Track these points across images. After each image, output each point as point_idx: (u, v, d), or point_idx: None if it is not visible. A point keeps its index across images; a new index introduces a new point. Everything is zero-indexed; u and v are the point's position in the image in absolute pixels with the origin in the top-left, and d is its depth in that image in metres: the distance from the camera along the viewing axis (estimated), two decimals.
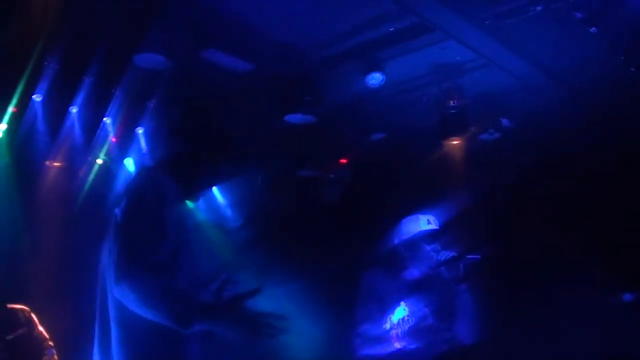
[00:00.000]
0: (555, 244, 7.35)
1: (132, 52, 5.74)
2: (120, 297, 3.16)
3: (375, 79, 6.63)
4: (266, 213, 8.15)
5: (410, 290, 5.10)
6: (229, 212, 8.69)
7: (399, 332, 4.89)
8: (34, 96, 6.68)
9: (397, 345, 4.87)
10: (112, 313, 3.35)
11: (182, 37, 5.81)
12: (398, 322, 4.94)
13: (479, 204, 7.31)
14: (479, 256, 4.96)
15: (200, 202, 4.22)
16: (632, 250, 6.98)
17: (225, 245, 8.36)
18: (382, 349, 5.00)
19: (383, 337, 4.98)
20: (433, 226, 5.14)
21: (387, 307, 5.04)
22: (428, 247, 5.10)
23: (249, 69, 6.55)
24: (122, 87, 6.72)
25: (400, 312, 4.99)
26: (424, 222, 5.14)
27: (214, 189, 8.71)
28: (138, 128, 7.55)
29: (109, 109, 7.07)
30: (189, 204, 3.83)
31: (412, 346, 4.96)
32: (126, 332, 3.29)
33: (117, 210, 3.36)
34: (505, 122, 7.75)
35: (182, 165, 3.59)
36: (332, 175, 8.92)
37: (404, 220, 5.24)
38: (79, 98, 6.81)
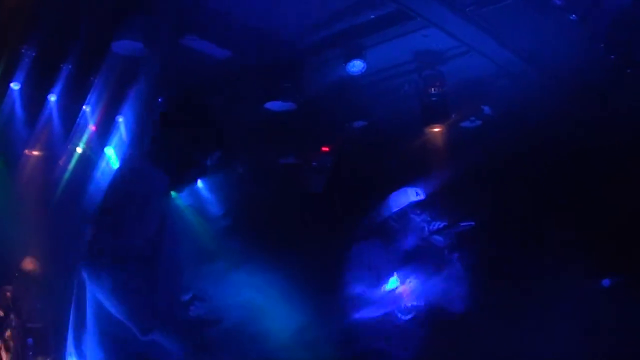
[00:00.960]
0: (535, 230, 7.39)
1: (110, 39, 5.69)
2: (89, 281, 3.13)
3: (356, 66, 6.60)
4: (248, 201, 8.12)
5: (403, 261, 5.15)
6: (211, 200, 8.68)
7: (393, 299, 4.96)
8: (11, 84, 6.63)
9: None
10: (89, 307, 3.31)
11: (161, 24, 5.76)
12: (391, 292, 4.99)
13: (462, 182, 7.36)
14: (472, 222, 5.01)
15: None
16: (612, 236, 7.02)
17: (207, 233, 8.35)
18: (373, 312, 5.05)
19: (375, 302, 5.03)
20: (421, 197, 5.21)
21: (381, 277, 5.09)
22: (418, 218, 5.17)
23: (229, 56, 6.52)
24: (101, 75, 6.67)
25: (394, 283, 5.03)
26: (412, 194, 5.24)
27: None
28: (118, 116, 7.50)
29: (88, 97, 7.02)
30: (173, 194, 3.80)
31: (404, 317, 5.05)
32: (104, 327, 3.26)
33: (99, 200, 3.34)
34: (486, 109, 7.75)
35: (173, 156, 3.55)
36: (314, 164, 8.91)
37: (392, 194, 5.32)
38: (58, 86, 6.76)
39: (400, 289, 5.06)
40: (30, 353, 6.50)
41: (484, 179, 7.82)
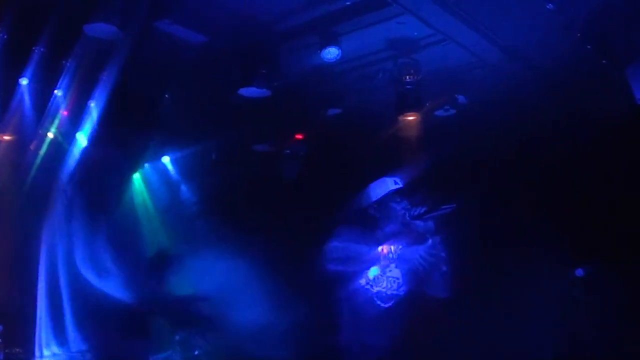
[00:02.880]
0: (509, 220, 7.43)
1: (84, 21, 5.62)
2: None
3: (331, 53, 6.57)
4: (221, 187, 8.09)
5: (381, 241, 5.20)
6: (183, 186, 8.64)
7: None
8: None
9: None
10: (65, 290, 3.29)
11: (135, 7, 5.70)
12: (373, 279, 5.03)
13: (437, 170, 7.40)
14: (454, 205, 5.05)
15: (154, 176, 4.22)
16: (587, 225, 7.08)
17: (179, 219, 8.32)
18: (352, 300, 5.08)
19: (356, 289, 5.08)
20: (400, 186, 5.27)
21: (362, 265, 5.12)
22: (398, 206, 5.22)
23: (203, 40, 6.47)
24: (74, 59, 6.59)
25: (374, 271, 5.06)
26: (391, 183, 5.31)
27: (168, 163, 8.65)
28: (90, 101, 7.42)
29: (60, 81, 6.94)
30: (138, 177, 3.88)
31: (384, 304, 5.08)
32: (84, 309, 3.25)
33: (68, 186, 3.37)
34: (461, 98, 7.76)
35: (129, 139, 3.59)
36: (288, 151, 8.89)
37: (371, 185, 5.36)
38: (29, 69, 6.66)
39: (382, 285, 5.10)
40: (0, 341, 6.42)
41: (459, 169, 7.84)
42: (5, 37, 6.15)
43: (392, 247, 5.21)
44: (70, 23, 5.85)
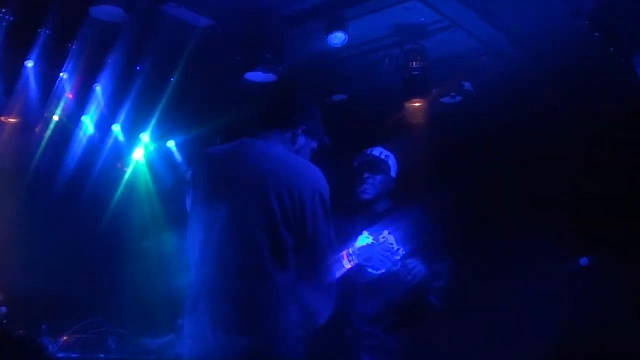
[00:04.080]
0: (512, 208, 7.42)
1: (89, 4, 5.61)
2: None
3: (338, 38, 6.55)
4: None
5: (373, 221, 5.18)
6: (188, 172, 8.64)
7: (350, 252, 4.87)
8: None
9: (347, 264, 4.84)
10: None
11: None
12: (360, 248, 4.93)
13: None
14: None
15: (159, 160, 4.25)
16: (591, 214, 7.06)
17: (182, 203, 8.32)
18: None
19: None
20: (388, 155, 5.35)
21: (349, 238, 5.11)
22: (364, 174, 5.28)
23: (209, 24, 6.46)
24: (79, 42, 6.59)
25: (363, 240, 5.02)
26: (376, 151, 5.34)
27: (173, 147, 8.66)
28: (95, 84, 7.43)
29: (65, 63, 6.94)
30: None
31: (375, 272, 5.05)
32: None
33: None
34: (467, 85, 7.73)
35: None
36: None
37: (356, 156, 5.41)
38: (35, 52, 6.66)
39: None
40: (5, 322, 6.43)
41: (462, 154, 7.83)
42: (12, 19, 6.15)
43: (350, 257, 5.13)
44: (76, 5, 5.85)
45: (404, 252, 4.88)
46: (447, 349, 6.31)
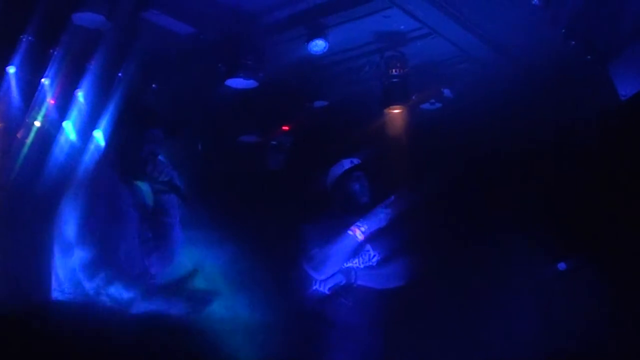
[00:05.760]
0: (490, 212, 7.47)
1: (71, 10, 5.64)
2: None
3: (318, 46, 6.60)
4: (206, 178, 8.10)
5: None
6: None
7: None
8: None
9: (360, 236, 5.06)
10: None
11: None
12: (326, 279, 5.11)
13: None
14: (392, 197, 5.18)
15: None
16: (569, 219, 7.11)
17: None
18: (331, 282, 5.17)
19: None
20: (355, 163, 5.43)
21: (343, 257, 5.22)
22: (354, 185, 5.36)
23: (191, 31, 6.50)
24: (61, 48, 6.60)
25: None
26: (347, 163, 5.43)
27: None
28: (77, 90, 7.43)
29: (47, 69, 6.94)
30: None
31: (363, 283, 5.18)
32: None
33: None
34: (446, 92, 7.80)
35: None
36: (274, 142, 8.92)
37: (331, 168, 5.48)
38: (17, 58, 6.66)
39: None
40: None
41: (441, 160, 7.88)
42: None
43: (361, 229, 5.29)
44: (58, 12, 5.87)
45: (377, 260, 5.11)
46: (426, 350, 6.35)
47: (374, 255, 5.43)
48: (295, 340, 5.35)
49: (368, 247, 5.44)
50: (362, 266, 5.46)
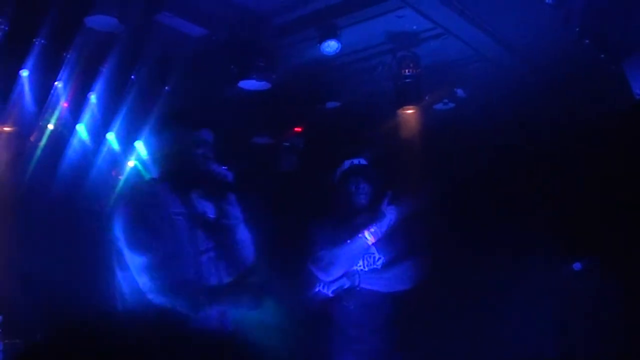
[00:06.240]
0: (505, 212, 7.44)
1: (84, 13, 5.64)
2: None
3: (331, 46, 6.59)
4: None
5: (355, 229, 5.31)
6: None
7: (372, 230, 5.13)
8: None
9: (371, 238, 5.09)
10: None
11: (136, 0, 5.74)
12: (330, 281, 5.14)
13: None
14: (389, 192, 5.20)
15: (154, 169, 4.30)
16: (584, 218, 7.09)
17: None
18: (335, 285, 5.19)
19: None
20: (360, 163, 5.46)
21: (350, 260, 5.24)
22: (351, 187, 5.38)
23: (204, 33, 6.50)
24: (74, 51, 6.62)
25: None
26: (347, 163, 5.46)
27: None
28: (90, 93, 7.45)
29: (60, 72, 6.96)
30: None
31: (368, 286, 5.19)
32: None
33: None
34: (459, 92, 7.78)
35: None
36: (287, 144, 8.92)
37: (338, 169, 5.52)
38: (30, 61, 6.69)
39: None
40: (0, 331, 6.44)
41: (454, 160, 7.87)
42: (6, 28, 6.16)
43: (371, 230, 5.31)
44: (71, 15, 5.88)
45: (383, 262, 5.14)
46: (434, 353, 6.34)
47: (379, 258, 5.42)
48: (300, 343, 5.34)
49: (373, 249, 5.43)
50: (366, 269, 5.45)
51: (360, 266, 5.45)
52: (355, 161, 5.66)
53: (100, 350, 2.09)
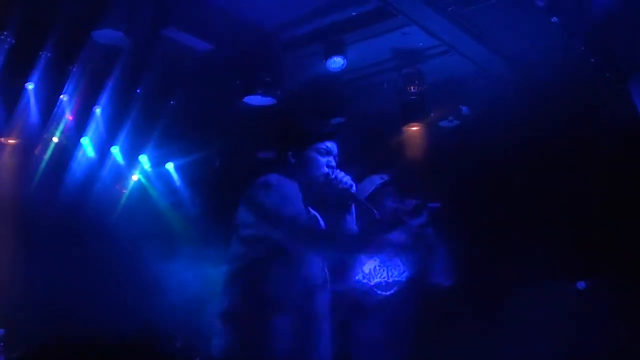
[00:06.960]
0: (510, 232, 7.41)
1: (90, 27, 5.65)
2: None
3: (336, 63, 6.58)
4: (224, 194, 8.11)
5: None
6: (185, 193, 8.66)
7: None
8: None
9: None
10: None
11: (142, 14, 5.73)
12: (370, 272, 5.12)
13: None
14: (439, 204, 5.13)
15: (158, 182, 4.27)
16: (589, 238, 7.07)
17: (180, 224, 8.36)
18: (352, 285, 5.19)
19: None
20: (386, 179, 5.42)
21: (358, 261, 5.21)
22: (388, 201, 5.32)
23: (209, 48, 6.50)
24: (80, 64, 6.63)
25: (372, 263, 5.15)
26: (377, 179, 5.41)
27: (172, 169, 8.67)
28: (96, 107, 7.46)
29: (66, 86, 6.97)
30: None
31: (385, 293, 5.19)
32: None
33: None
34: (464, 109, 7.77)
35: None
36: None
37: (359, 185, 5.45)
38: (35, 74, 6.70)
39: (377, 277, 5.19)
40: (2, 344, 6.42)
41: (460, 177, 7.84)
42: (13, 41, 6.18)
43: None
44: (77, 29, 5.89)
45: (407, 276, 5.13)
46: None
47: (404, 271, 5.39)
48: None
49: (398, 261, 5.41)
50: (390, 280, 5.43)
51: (384, 278, 5.44)
52: (385, 177, 5.64)
53: None
